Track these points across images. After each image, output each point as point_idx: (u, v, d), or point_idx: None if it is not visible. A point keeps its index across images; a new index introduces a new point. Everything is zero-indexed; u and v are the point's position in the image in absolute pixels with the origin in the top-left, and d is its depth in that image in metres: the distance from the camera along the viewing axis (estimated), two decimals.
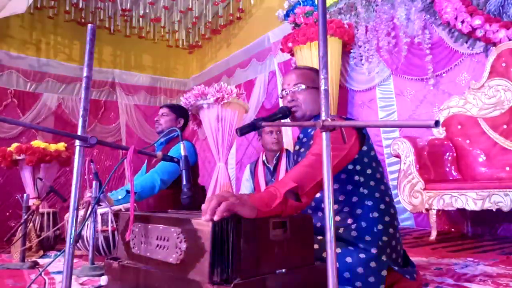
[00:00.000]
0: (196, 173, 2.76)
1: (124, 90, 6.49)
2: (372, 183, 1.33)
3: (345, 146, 1.23)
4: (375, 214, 1.30)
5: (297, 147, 1.53)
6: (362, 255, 1.22)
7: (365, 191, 1.32)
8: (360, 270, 1.20)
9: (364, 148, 1.34)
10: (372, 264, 1.22)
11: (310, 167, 1.11)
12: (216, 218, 0.89)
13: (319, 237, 1.23)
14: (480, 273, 1.67)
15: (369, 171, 1.34)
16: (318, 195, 1.24)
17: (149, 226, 1.11)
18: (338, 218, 1.31)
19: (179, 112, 2.84)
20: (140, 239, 1.14)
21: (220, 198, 0.92)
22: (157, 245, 1.06)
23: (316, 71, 1.50)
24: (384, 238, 1.28)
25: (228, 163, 4.93)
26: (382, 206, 1.32)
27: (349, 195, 1.32)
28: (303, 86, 1.45)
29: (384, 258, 1.24)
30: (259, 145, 3.39)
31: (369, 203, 1.31)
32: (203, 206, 0.94)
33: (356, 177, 1.32)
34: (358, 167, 1.33)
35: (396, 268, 1.27)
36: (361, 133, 1.34)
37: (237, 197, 0.94)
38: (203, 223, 0.93)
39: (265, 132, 3.01)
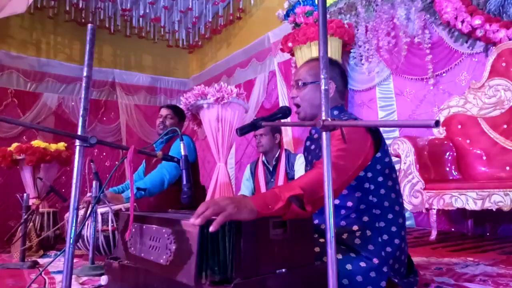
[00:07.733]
0: (196, 170, 2.77)
1: (124, 90, 6.49)
2: (382, 191, 1.29)
3: (360, 155, 1.18)
4: (382, 224, 1.27)
5: (307, 143, 1.49)
6: (363, 264, 1.20)
7: (374, 200, 1.28)
8: (359, 278, 1.18)
9: (378, 154, 1.29)
10: (372, 274, 1.20)
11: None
12: (212, 229, 0.86)
13: (321, 240, 1.21)
14: (480, 273, 1.67)
15: (380, 178, 1.29)
16: None
17: (144, 227, 1.10)
18: (343, 223, 1.28)
19: (181, 114, 2.94)
20: (136, 239, 1.13)
21: (217, 208, 0.89)
22: (150, 246, 1.06)
23: None
24: (388, 248, 1.25)
25: (228, 163, 4.93)
26: (390, 216, 1.28)
27: (357, 202, 1.29)
28: (302, 83, 1.41)
29: (385, 269, 1.22)
30: None
31: (377, 211, 1.27)
32: (198, 209, 0.91)
33: (366, 185, 1.28)
34: (369, 174, 1.28)
35: (396, 280, 1.25)
36: (377, 138, 1.28)
37: (235, 204, 0.91)
38: (191, 225, 0.91)
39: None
